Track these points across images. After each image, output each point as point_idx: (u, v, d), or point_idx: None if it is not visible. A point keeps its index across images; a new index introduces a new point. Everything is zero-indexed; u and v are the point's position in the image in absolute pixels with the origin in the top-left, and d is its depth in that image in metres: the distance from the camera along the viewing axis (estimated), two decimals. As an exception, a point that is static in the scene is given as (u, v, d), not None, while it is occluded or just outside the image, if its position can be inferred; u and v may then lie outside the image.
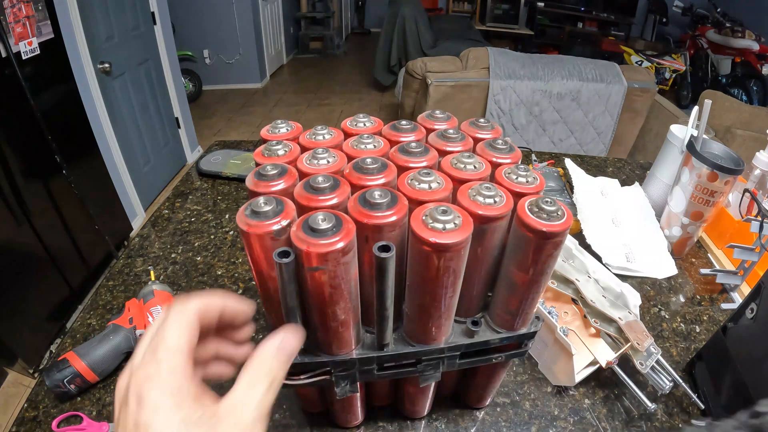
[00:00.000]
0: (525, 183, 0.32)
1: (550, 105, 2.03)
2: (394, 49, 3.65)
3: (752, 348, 0.45)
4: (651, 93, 2.01)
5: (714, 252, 0.77)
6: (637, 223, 0.79)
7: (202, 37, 3.74)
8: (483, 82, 2.00)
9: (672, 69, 4.13)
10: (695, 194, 0.68)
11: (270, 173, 0.31)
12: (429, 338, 0.36)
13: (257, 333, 0.59)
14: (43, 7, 1.45)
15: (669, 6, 4.72)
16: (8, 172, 1.35)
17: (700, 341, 0.60)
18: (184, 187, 0.90)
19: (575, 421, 0.50)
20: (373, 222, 0.28)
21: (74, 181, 1.54)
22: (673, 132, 0.79)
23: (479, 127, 0.39)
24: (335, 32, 5.24)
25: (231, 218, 0.81)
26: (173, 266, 0.70)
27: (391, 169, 0.33)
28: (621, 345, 0.50)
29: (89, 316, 0.61)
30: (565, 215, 0.30)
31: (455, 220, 0.28)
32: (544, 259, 0.31)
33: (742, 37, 3.88)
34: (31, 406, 0.50)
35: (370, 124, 0.39)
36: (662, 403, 0.52)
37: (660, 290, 0.69)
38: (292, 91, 4.20)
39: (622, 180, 0.95)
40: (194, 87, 3.73)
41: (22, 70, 1.33)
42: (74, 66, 1.67)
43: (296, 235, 0.27)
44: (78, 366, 0.49)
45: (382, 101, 3.97)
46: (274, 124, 0.38)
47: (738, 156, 0.67)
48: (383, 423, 0.49)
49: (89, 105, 1.79)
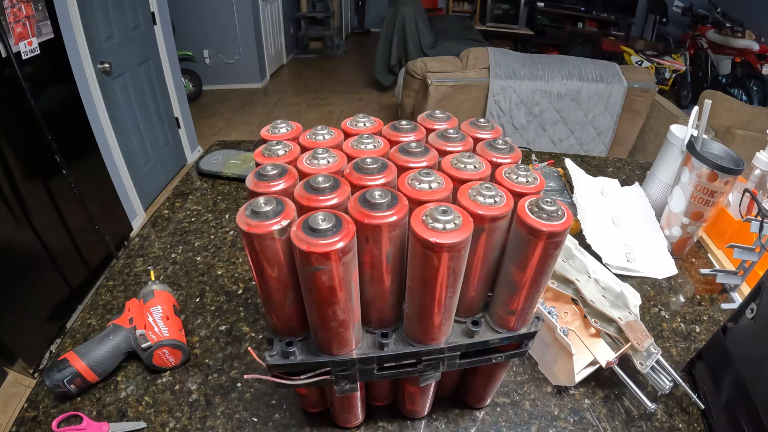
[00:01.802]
0: (525, 183, 0.32)
1: (550, 105, 2.03)
2: (394, 49, 3.65)
3: (752, 348, 0.45)
4: (651, 93, 2.01)
5: (714, 252, 0.77)
6: (637, 223, 0.79)
7: (202, 37, 3.74)
8: (483, 82, 2.00)
9: (672, 69, 4.13)
10: (695, 194, 0.68)
11: (270, 173, 0.31)
12: (429, 338, 0.36)
13: (257, 333, 0.59)
14: (43, 7, 1.45)
15: (669, 6, 4.72)
16: (8, 172, 1.34)
17: (700, 341, 0.60)
18: (184, 187, 0.90)
19: (575, 421, 0.50)
20: (373, 222, 0.28)
21: (74, 181, 1.54)
22: (673, 132, 0.79)
23: (479, 127, 0.39)
24: (335, 32, 5.24)
25: (231, 218, 0.81)
26: (173, 266, 0.70)
27: (391, 169, 0.33)
28: (621, 345, 0.50)
29: (89, 316, 0.61)
30: (565, 215, 0.30)
31: (455, 220, 0.28)
32: (544, 259, 0.31)
33: (742, 37, 3.88)
34: (31, 406, 0.50)
35: (370, 124, 0.39)
36: (662, 403, 0.52)
37: (660, 290, 0.69)
38: (292, 91, 4.20)
39: (622, 180, 0.95)
40: (194, 87, 3.73)
41: (22, 70, 1.33)
42: (74, 66, 1.67)
43: (296, 235, 0.27)
44: (78, 366, 0.49)
45: (382, 101, 3.97)
46: (274, 124, 0.38)
47: (738, 156, 0.67)
48: (383, 423, 0.49)
49: (89, 105, 1.79)
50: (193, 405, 0.50)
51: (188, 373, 0.54)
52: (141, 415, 0.49)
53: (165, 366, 0.53)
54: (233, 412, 0.50)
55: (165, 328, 0.52)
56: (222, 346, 0.57)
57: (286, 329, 0.36)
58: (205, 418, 0.49)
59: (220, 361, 0.55)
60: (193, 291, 0.65)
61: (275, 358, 0.35)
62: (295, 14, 5.02)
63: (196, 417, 0.49)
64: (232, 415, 0.49)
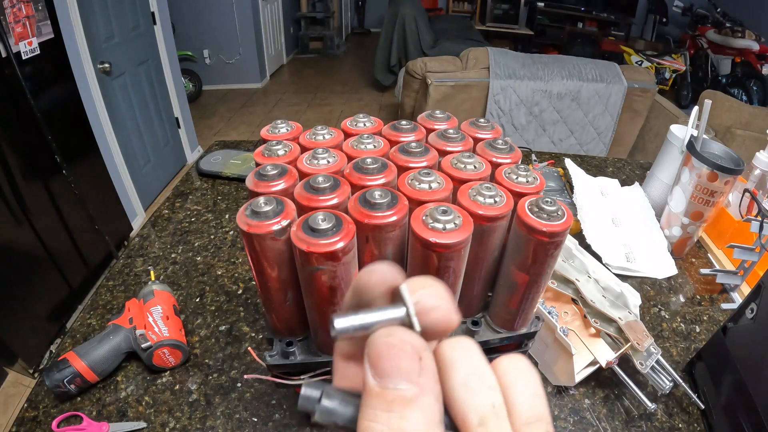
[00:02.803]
0: (525, 183, 0.32)
1: (550, 105, 2.03)
2: (394, 49, 3.65)
3: (752, 348, 0.45)
4: (651, 93, 2.01)
5: (714, 252, 0.77)
6: (637, 223, 0.79)
7: (202, 37, 3.74)
8: (483, 82, 2.00)
9: (672, 69, 4.13)
10: (695, 194, 0.68)
11: (270, 173, 0.31)
12: (429, 338, 0.36)
13: (257, 333, 0.59)
14: (43, 7, 1.45)
15: (669, 6, 4.71)
16: (8, 172, 1.34)
17: (700, 341, 0.60)
18: (184, 187, 0.90)
19: (575, 421, 0.50)
20: (373, 222, 0.28)
21: (74, 181, 1.54)
22: (673, 132, 0.79)
23: (479, 127, 0.39)
24: (335, 32, 5.23)
25: (231, 218, 0.81)
26: (173, 266, 0.70)
27: (391, 169, 0.33)
28: (621, 345, 0.50)
29: (89, 316, 0.61)
30: (565, 215, 0.30)
31: (455, 220, 0.28)
32: (544, 259, 0.31)
33: (742, 37, 3.88)
34: (31, 406, 0.50)
35: (370, 124, 0.39)
36: (662, 403, 0.52)
37: (660, 290, 0.69)
38: (292, 91, 4.20)
39: (622, 180, 0.95)
40: (194, 87, 3.73)
41: (22, 70, 1.33)
42: (74, 66, 1.67)
43: (296, 235, 0.27)
44: (78, 366, 0.49)
45: (382, 101, 3.97)
46: (274, 124, 0.38)
47: (738, 156, 0.67)
48: (383, 423, 0.49)
49: (89, 105, 1.79)
50: (193, 405, 0.50)
51: (188, 373, 0.54)
52: (141, 415, 0.49)
53: (165, 366, 0.53)
54: (233, 412, 0.50)
55: (165, 328, 0.52)
56: (222, 346, 0.57)
57: (286, 329, 0.36)
58: (205, 418, 0.49)
59: (220, 361, 0.55)
60: (193, 291, 0.65)
61: (275, 358, 0.35)
62: (295, 14, 5.02)
63: (196, 417, 0.49)
64: (232, 415, 0.49)
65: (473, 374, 0.14)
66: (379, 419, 0.12)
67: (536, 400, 0.15)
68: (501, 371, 0.15)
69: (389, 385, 0.13)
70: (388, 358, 0.13)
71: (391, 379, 0.13)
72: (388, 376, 0.13)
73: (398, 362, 0.13)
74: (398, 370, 0.13)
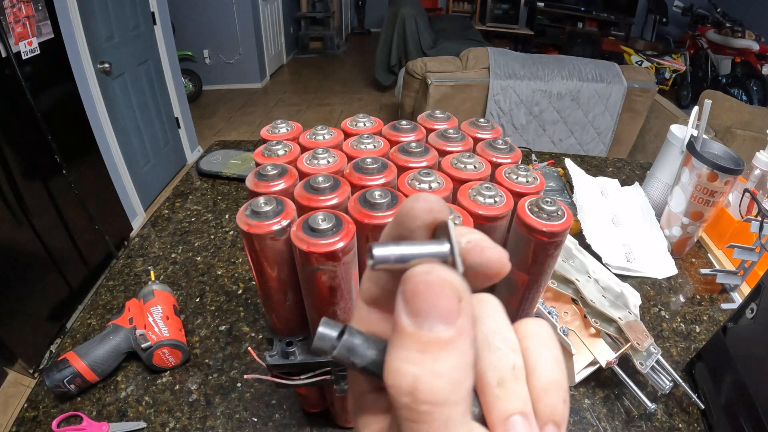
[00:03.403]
0: (525, 183, 0.32)
1: (550, 105, 2.03)
2: (394, 49, 3.65)
3: (752, 348, 0.45)
4: (651, 93, 2.01)
5: (714, 252, 0.77)
6: (637, 223, 0.79)
7: (202, 37, 3.74)
8: (483, 82, 2.00)
9: (672, 69, 4.13)
10: (695, 194, 0.68)
11: (270, 173, 0.31)
12: (429, 338, 0.36)
13: (257, 333, 0.59)
14: (43, 7, 1.45)
15: (669, 6, 4.71)
16: (8, 172, 1.34)
17: (700, 341, 0.60)
18: (184, 187, 0.90)
19: (575, 421, 0.50)
20: (373, 222, 0.28)
21: (74, 181, 1.54)
22: (673, 132, 0.79)
23: (479, 127, 0.39)
24: (335, 32, 5.23)
25: (231, 218, 0.81)
26: (173, 266, 0.70)
27: (391, 169, 0.33)
28: (621, 345, 0.50)
29: (89, 316, 0.61)
30: (565, 215, 0.30)
31: (455, 220, 0.28)
32: (544, 259, 0.31)
33: (742, 37, 3.88)
34: (31, 406, 0.50)
35: (370, 124, 0.39)
36: (662, 403, 0.52)
37: (660, 290, 0.69)
38: (292, 91, 4.20)
39: (622, 180, 0.95)
40: (194, 87, 3.73)
41: (22, 70, 1.33)
42: (74, 66, 1.67)
43: (296, 235, 0.27)
44: (78, 366, 0.49)
45: (382, 101, 3.97)
46: (274, 124, 0.38)
47: (738, 156, 0.67)
48: (383, 423, 0.49)
49: (89, 105, 1.79)
50: (193, 405, 0.50)
51: (188, 373, 0.54)
52: (141, 415, 0.49)
53: (165, 366, 0.53)
54: (233, 412, 0.50)
55: (165, 328, 0.52)
56: (222, 346, 0.57)
57: (286, 329, 0.36)
58: (205, 418, 0.49)
59: (220, 361, 0.55)
60: (193, 291, 0.65)
61: (275, 358, 0.35)
62: (295, 14, 5.02)
63: (196, 417, 0.49)
64: (232, 415, 0.49)
65: (496, 333, 0.14)
66: (412, 360, 0.12)
67: (556, 366, 0.14)
68: (523, 334, 0.15)
69: (425, 325, 0.12)
70: (425, 296, 0.12)
71: (428, 319, 0.12)
72: (424, 316, 0.12)
73: (437, 302, 0.12)
74: (436, 311, 0.12)
